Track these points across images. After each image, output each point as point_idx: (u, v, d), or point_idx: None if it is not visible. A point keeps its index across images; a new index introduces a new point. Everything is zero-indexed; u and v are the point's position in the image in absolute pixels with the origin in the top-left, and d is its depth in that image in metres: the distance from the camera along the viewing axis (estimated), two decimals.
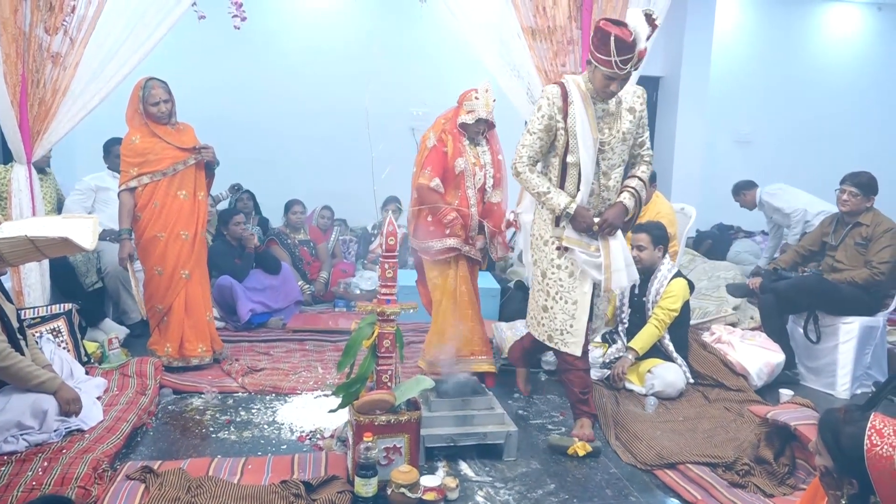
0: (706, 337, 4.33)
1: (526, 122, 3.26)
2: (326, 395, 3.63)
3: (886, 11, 7.75)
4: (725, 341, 4.19)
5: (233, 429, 3.29)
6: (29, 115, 3.78)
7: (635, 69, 2.93)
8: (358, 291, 5.66)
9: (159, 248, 3.87)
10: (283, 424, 3.35)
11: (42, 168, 4.44)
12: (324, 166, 6.59)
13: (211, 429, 3.29)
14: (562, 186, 3.11)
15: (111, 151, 4.77)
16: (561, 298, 3.15)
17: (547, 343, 3.25)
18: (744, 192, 6.11)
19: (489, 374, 3.79)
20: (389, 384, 2.76)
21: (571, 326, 3.15)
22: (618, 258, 3.09)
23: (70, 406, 2.92)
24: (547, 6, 4.19)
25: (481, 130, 3.71)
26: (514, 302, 5.03)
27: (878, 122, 7.81)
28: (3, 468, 2.62)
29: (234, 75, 6.35)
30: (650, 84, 6.79)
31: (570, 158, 3.05)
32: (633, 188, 3.17)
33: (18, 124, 3.77)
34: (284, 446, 3.13)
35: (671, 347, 3.94)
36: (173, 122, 3.91)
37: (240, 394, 3.72)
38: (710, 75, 6.77)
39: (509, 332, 4.25)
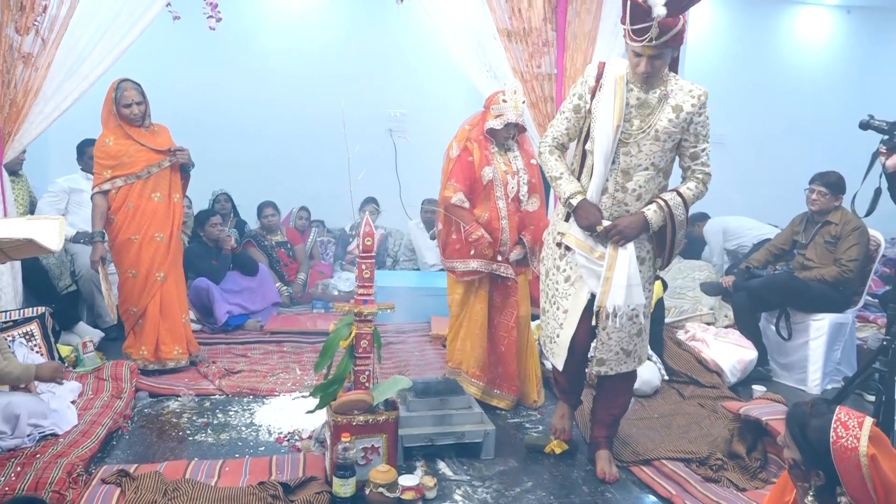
0: (681, 335, 4.39)
1: None
2: (304, 397, 3.63)
3: (855, 14, 7.91)
4: (700, 339, 4.25)
5: (210, 431, 3.28)
6: None
7: (659, 43, 2.50)
8: (336, 292, 5.66)
9: (133, 250, 3.84)
10: (260, 426, 3.34)
11: (14, 170, 4.38)
12: (301, 167, 6.55)
13: (188, 431, 3.27)
14: (579, 178, 2.80)
15: (85, 153, 4.71)
16: (554, 304, 2.86)
17: (544, 350, 3.02)
18: (697, 223, 6.44)
19: None
20: (367, 384, 2.77)
21: (557, 336, 2.83)
22: (621, 273, 2.67)
23: (56, 376, 2.97)
24: (522, 8, 4.23)
25: (511, 135, 3.52)
26: None
27: (847, 123, 7.85)
28: None
29: (209, 77, 6.30)
30: None
31: (588, 145, 2.73)
32: (664, 201, 2.71)
33: None
34: (262, 448, 3.12)
35: None
36: (147, 125, 3.87)
37: (217, 396, 3.70)
38: (683, 76, 6.84)
39: None
